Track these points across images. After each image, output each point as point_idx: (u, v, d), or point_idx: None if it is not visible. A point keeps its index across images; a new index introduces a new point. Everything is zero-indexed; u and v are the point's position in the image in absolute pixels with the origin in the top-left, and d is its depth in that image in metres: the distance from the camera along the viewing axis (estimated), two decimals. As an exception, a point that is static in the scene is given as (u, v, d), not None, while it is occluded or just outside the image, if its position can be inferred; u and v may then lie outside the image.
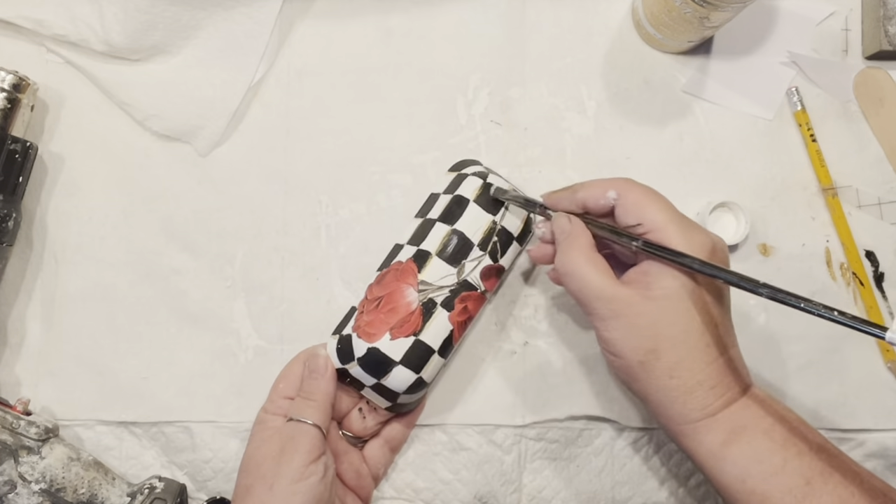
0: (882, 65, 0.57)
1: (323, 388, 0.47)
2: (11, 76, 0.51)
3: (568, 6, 0.57)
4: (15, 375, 0.54)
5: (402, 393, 0.48)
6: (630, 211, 0.42)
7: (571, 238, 0.44)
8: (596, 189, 0.44)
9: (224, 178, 0.55)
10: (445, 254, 0.49)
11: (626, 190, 0.43)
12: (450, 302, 0.48)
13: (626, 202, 0.43)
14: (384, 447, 0.50)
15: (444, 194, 0.51)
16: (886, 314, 0.56)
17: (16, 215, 0.51)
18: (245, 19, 0.54)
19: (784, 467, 0.40)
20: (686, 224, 0.41)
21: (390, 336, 0.47)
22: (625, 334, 0.41)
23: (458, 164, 0.54)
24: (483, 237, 0.49)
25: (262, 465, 0.44)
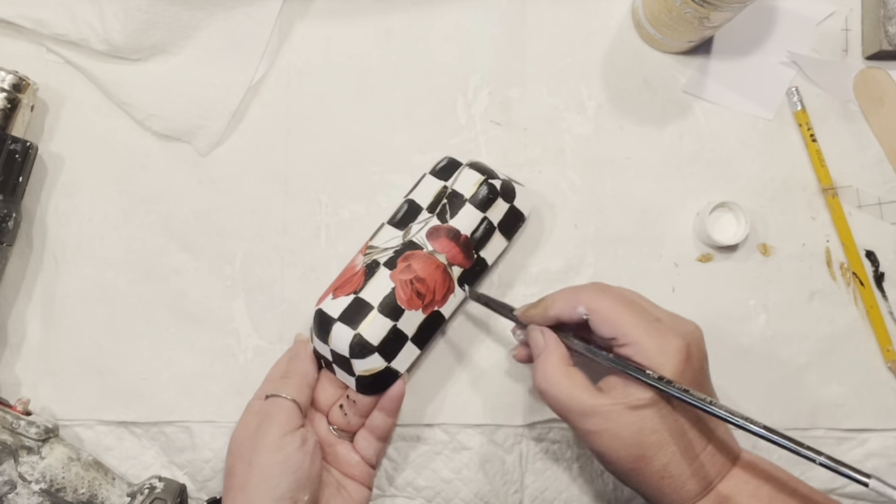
0: (882, 65, 0.57)
1: (300, 369, 0.49)
2: (11, 76, 0.51)
3: (568, 6, 0.57)
4: (15, 375, 0.54)
5: (350, 357, 0.47)
6: (602, 326, 0.42)
7: (545, 354, 0.44)
8: (565, 305, 0.44)
9: (224, 178, 0.55)
10: (395, 220, 0.51)
11: (596, 304, 0.42)
12: (392, 261, 0.49)
13: (596, 318, 0.42)
14: (369, 437, 0.50)
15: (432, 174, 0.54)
16: (886, 314, 0.56)
17: (16, 215, 0.51)
18: (245, 19, 0.54)
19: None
20: (660, 331, 0.41)
21: (332, 296, 0.49)
22: (611, 445, 0.41)
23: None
24: (432, 201, 0.51)
25: (242, 445, 0.46)
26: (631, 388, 0.41)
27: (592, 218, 0.56)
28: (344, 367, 0.49)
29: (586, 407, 0.41)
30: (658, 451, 0.41)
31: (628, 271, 0.55)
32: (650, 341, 0.41)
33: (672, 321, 0.43)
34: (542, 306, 0.45)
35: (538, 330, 0.45)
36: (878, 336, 0.55)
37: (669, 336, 0.41)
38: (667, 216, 0.56)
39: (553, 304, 0.44)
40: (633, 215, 0.56)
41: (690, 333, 0.42)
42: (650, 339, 0.41)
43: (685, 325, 0.43)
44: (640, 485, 0.43)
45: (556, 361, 0.43)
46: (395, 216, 0.51)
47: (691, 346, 0.41)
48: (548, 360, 0.43)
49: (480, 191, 0.51)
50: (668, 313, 0.44)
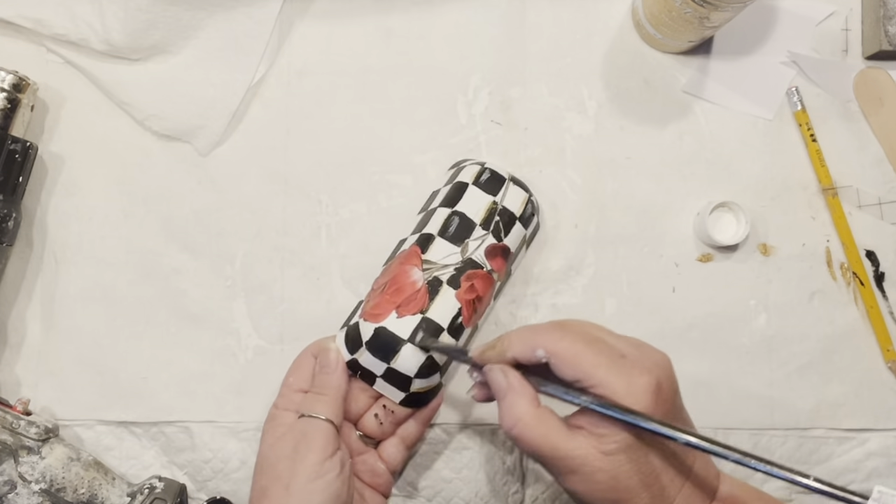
0: (882, 65, 0.57)
1: (334, 383, 0.46)
2: (11, 76, 0.51)
3: (568, 6, 0.57)
4: (15, 375, 0.54)
5: (413, 377, 0.46)
6: (564, 369, 0.39)
7: (512, 396, 0.41)
8: (523, 347, 0.41)
9: (224, 178, 0.55)
10: (448, 234, 0.49)
11: (555, 346, 0.39)
12: (455, 279, 0.47)
13: (557, 361, 0.39)
14: (399, 445, 0.49)
15: (444, 187, 0.52)
16: (886, 314, 0.56)
17: (16, 215, 0.51)
18: (245, 19, 0.54)
19: None
20: (626, 368, 0.38)
21: (396, 314, 0.46)
22: (585, 488, 0.39)
23: (457, 163, 0.54)
24: (485, 217, 0.49)
25: (277, 465, 0.44)
26: (602, 428, 0.38)
27: (592, 218, 0.56)
28: (397, 383, 0.47)
29: (560, 452, 0.39)
30: (634, 495, 0.39)
31: (628, 271, 0.55)
32: (617, 381, 0.38)
33: (638, 355, 0.40)
34: (499, 349, 0.42)
35: (499, 370, 0.42)
36: (878, 336, 0.55)
37: (636, 373, 0.38)
38: (667, 216, 0.56)
39: (510, 346, 0.41)
40: (633, 215, 0.56)
41: (659, 367, 0.39)
42: (616, 378, 0.38)
43: (652, 358, 0.40)
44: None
45: (525, 403, 0.40)
46: (446, 229, 0.49)
47: (661, 381, 0.39)
48: (516, 402, 0.40)
49: (527, 209, 0.51)
50: (633, 345, 0.41)
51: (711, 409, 0.55)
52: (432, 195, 0.53)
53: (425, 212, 0.52)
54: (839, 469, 0.55)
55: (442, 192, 0.52)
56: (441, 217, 0.49)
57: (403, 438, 0.49)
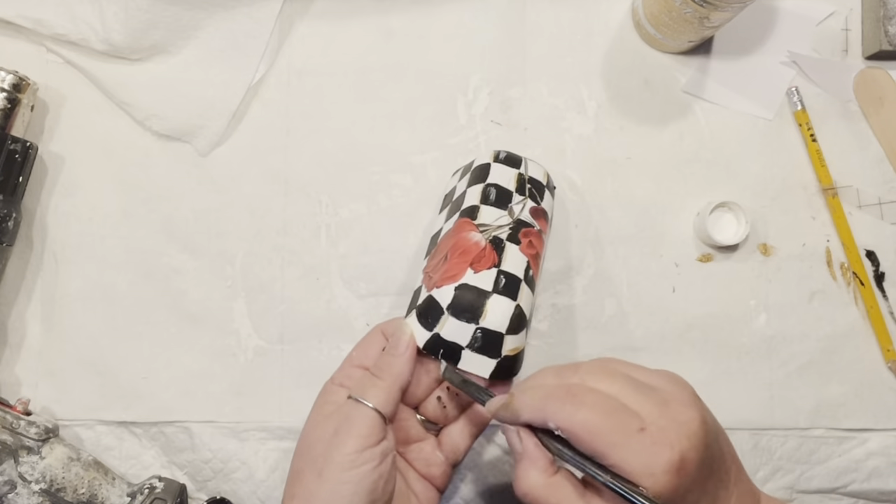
0: (882, 65, 0.57)
1: (396, 369, 0.42)
2: (11, 76, 0.51)
3: (568, 6, 0.57)
4: (15, 375, 0.54)
5: (505, 333, 0.43)
6: (578, 445, 0.36)
7: (525, 462, 0.38)
8: (534, 416, 0.38)
9: (224, 178, 0.55)
10: (490, 201, 0.48)
11: (567, 422, 0.36)
12: (514, 236, 0.46)
13: (571, 438, 0.36)
14: (465, 430, 0.45)
15: (459, 181, 0.52)
16: (887, 314, 0.56)
17: (16, 215, 0.51)
18: (245, 19, 0.54)
19: None
20: (644, 446, 0.35)
21: (472, 271, 0.44)
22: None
23: (462, 167, 0.54)
24: (517, 185, 0.49)
25: (315, 448, 0.41)
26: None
27: (592, 218, 0.56)
28: (487, 348, 0.44)
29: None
30: None
31: (628, 271, 0.55)
32: (634, 461, 0.35)
33: (663, 424, 0.36)
34: (512, 411, 0.39)
35: (513, 433, 0.39)
36: (878, 336, 0.55)
37: (657, 450, 0.35)
38: (667, 216, 0.56)
39: (522, 410, 0.38)
40: (633, 215, 0.56)
41: (685, 436, 0.36)
42: (634, 458, 0.35)
43: (679, 421, 0.36)
44: None
45: (538, 471, 0.38)
46: (487, 198, 0.48)
47: (686, 453, 0.35)
48: (528, 472, 0.38)
49: (550, 181, 0.51)
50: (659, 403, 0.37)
51: (711, 410, 0.54)
52: (451, 192, 0.53)
53: (451, 202, 0.51)
54: (839, 469, 0.55)
55: (463, 180, 0.51)
56: (477, 190, 0.48)
57: (472, 420, 0.45)
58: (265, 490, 0.53)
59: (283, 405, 0.54)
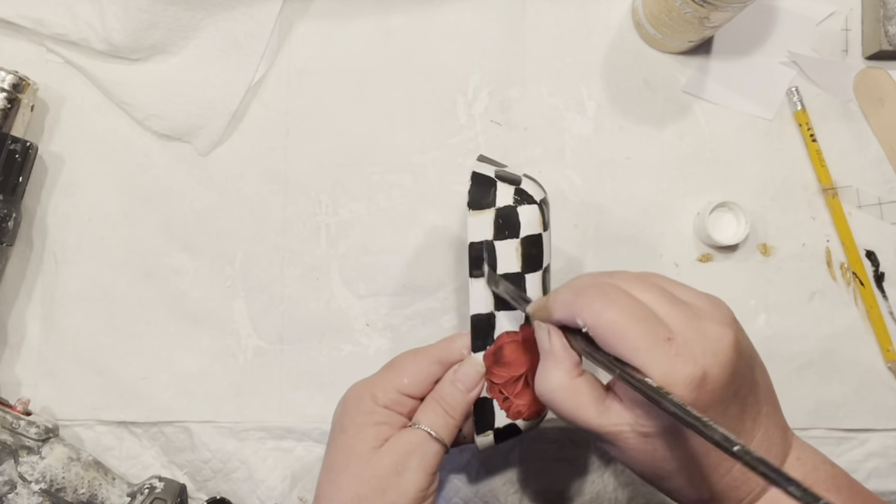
0: (882, 65, 0.57)
1: (466, 408, 0.42)
2: (11, 76, 0.51)
3: (568, 6, 0.57)
4: (15, 375, 0.54)
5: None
6: (603, 344, 0.36)
7: (550, 362, 0.38)
8: (565, 313, 0.37)
9: (224, 178, 0.55)
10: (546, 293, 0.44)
11: (596, 320, 0.36)
12: None
13: (597, 336, 0.36)
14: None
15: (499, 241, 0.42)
16: (886, 314, 0.56)
17: (16, 215, 0.51)
18: (245, 19, 0.54)
19: None
20: (668, 355, 0.34)
21: None
22: (621, 458, 0.38)
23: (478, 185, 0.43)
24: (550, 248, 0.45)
25: (384, 479, 0.40)
26: (640, 408, 0.36)
27: (592, 218, 0.56)
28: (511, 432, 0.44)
29: (593, 426, 0.37)
30: (670, 475, 0.37)
31: (628, 271, 0.55)
32: (655, 369, 0.34)
33: (690, 336, 0.35)
34: (546, 309, 0.39)
35: (544, 331, 0.39)
36: (878, 336, 0.55)
37: (680, 362, 0.34)
38: (667, 216, 0.56)
39: (554, 308, 0.38)
40: (633, 215, 0.56)
41: (711, 353, 0.35)
42: (655, 366, 0.34)
43: (709, 338, 0.35)
44: (662, 492, 0.39)
45: (562, 372, 0.38)
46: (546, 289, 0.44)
47: (710, 371, 0.34)
48: (552, 370, 0.38)
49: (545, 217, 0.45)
50: (691, 317, 0.36)
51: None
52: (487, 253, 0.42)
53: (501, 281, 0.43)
54: (839, 469, 0.55)
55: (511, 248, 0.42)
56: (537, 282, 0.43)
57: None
58: (265, 490, 0.53)
59: (283, 405, 0.54)
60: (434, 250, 0.55)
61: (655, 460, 0.36)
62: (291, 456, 0.54)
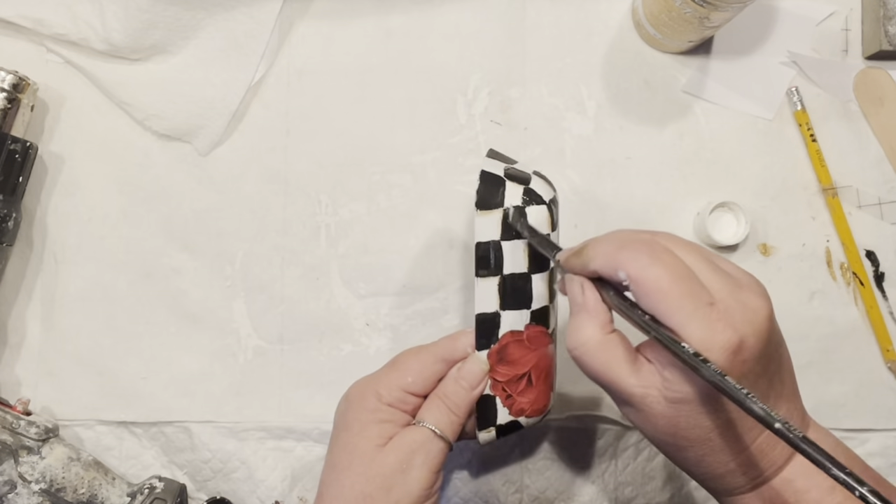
0: (882, 65, 0.57)
1: (471, 403, 0.42)
2: (11, 76, 0.51)
3: (568, 6, 0.57)
4: (15, 375, 0.54)
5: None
6: (643, 300, 0.35)
7: (582, 316, 0.37)
8: (605, 264, 0.36)
9: (224, 178, 0.55)
10: (554, 296, 0.44)
11: (640, 274, 0.34)
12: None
13: (637, 291, 0.35)
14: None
15: (506, 241, 0.42)
16: (886, 314, 0.56)
17: (16, 215, 0.51)
18: (245, 19, 0.54)
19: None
20: (709, 320, 0.34)
21: (552, 391, 0.45)
22: (643, 424, 0.37)
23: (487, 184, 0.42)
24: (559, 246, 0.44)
25: (389, 477, 0.40)
26: (670, 372, 0.35)
27: (592, 218, 0.56)
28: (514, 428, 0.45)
29: (622, 385, 0.36)
30: (694, 443, 0.36)
31: (628, 271, 0.55)
32: (695, 332, 0.33)
33: (730, 303, 0.34)
34: (583, 258, 0.37)
35: (577, 284, 0.38)
36: (878, 336, 0.55)
37: (720, 327, 0.33)
38: (667, 216, 0.56)
39: (593, 258, 0.37)
40: (633, 215, 0.56)
41: (750, 322, 0.34)
42: (695, 329, 0.33)
43: (748, 307, 0.35)
44: (674, 460, 0.39)
45: (595, 326, 0.37)
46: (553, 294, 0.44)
47: (746, 339, 0.34)
48: (584, 324, 0.37)
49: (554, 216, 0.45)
50: (732, 286, 0.35)
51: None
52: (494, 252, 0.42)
53: (508, 281, 0.42)
54: (839, 469, 0.55)
55: (517, 248, 0.42)
56: (544, 283, 0.43)
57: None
58: (265, 490, 0.53)
59: (283, 405, 0.54)
60: (434, 250, 0.55)
61: (679, 428, 0.35)
62: (291, 456, 0.54)
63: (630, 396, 0.36)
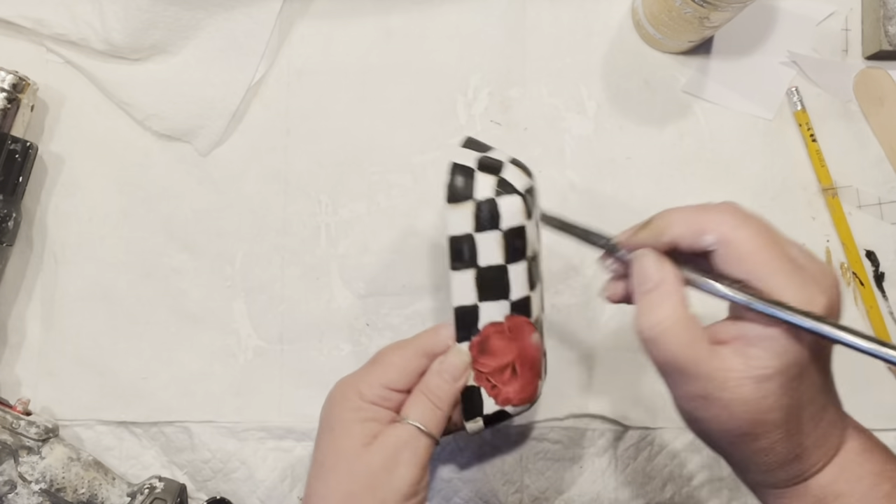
0: (882, 65, 0.57)
1: (453, 398, 0.42)
2: (11, 76, 0.51)
3: (568, 6, 0.57)
4: (15, 375, 0.54)
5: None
6: (734, 264, 0.33)
7: (661, 293, 0.35)
8: (687, 229, 0.34)
9: (224, 178, 0.55)
10: (534, 284, 0.43)
11: (731, 234, 0.33)
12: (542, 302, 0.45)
13: (728, 252, 0.33)
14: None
15: (480, 233, 0.40)
16: (886, 314, 0.56)
17: (16, 215, 0.51)
18: (245, 19, 0.55)
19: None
20: (805, 282, 0.32)
21: (540, 380, 0.45)
22: (715, 416, 0.34)
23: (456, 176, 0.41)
24: (538, 234, 0.44)
25: (375, 475, 0.39)
26: (754, 349, 0.32)
27: (592, 218, 0.55)
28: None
29: (702, 368, 0.33)
30: (768, 430, 0.34)
31: (628, 271, 0.55)
32: (795, 294, 0.31)
33: (815, 270, 0.33)
34: (655, 228, 0.35)
35: (653, 258, 0.35)
36: (877, 336, 0.55)
37: (817, 291, 0.32)
38: (667, 216, 0.56)
39: (670, 225, 0.35)
40: (633, 215, 0.55)
41: (834, 288, 0.33)
42: (794, 290, 0.32)
43: (828, 279, 0.33)
44: (732, 456, 0.37)
45: (674, 304, 0.34)
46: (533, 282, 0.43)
47: (834, 306, 0.33)
48: (665, 302, 0.34)
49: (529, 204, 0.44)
50: (807, 257, 0.34)
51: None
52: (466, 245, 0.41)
53: (482, 271, 0.41)
54: (839, 469, 0.55)
55: (491, 240, 0.41)
56: (522, 272, 0.42)
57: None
58: (265, 490, 0.53)
59: (283, 405, 0.54)
60: (434, 250, 0.55)
61: (760, 412, 0.33)
62: (291, 456, 0.54)
63: (710, 381, 0.33)
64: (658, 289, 0.35)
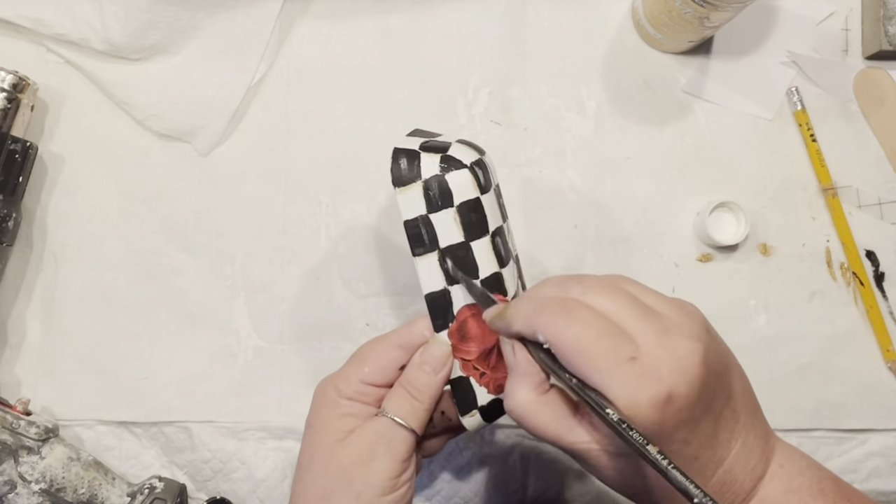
0: (882, 65, 0.57)
1: (434, 390, 0.40)
2: (11, 76, 0.51)
3: (568, 6, 0.57)
4: (15, 375, 0.54)
5: None
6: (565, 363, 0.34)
7: (516, 375, 0.37)
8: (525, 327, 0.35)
9: (224, 178, 0.55)
10: (503, 259, 0.41)
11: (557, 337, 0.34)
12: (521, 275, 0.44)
13: (558, 353, 0.34)
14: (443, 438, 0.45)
15: (434, 213, 0.40)
16: (886, 314, 0.56)
17: (16, 215, 0.51)
18: (245, 19, 0.54)
19: None
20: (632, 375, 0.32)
21: None
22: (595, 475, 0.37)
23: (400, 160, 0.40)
24: (502, 209, 0.42)
25: (349, 469, 0.39)
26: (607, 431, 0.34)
27: (592, 218, 0.56)
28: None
29: (564, 442, 0.36)
30: (642, 491, 0.36)
31: (628, 271, 0.55)
32: (619, 390, 0.32)
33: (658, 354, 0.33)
34: (505, 320, 0.37)
35: (508, 345, 0.37)
36: (878, 336, 0.55)
37: (644, 382, 0.32)
38: (667, 216, 0.56)
39: (514, 320, 0.36)
40: (633, 215, 0.56)
41: (678, 371, 0.33)
42: (619, 387, 0.32)
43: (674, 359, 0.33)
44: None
45: (528, 388, 0.36)
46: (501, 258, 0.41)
47: (675, 390, 0.32)
48: (518, 387, 0.36)
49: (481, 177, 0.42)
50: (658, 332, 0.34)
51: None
52: (426, 229, 0.41)
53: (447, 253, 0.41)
54: (839, 469, 0.55)
55: (447, 218, 0.40)
56: (487, 247, 0.40)
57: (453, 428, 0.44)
58: (265, 490, 0.53)
59: (283, 405, 0.54)
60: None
61: (626, 478, 0.35)
62: (291, 456, 0.54)
63: (574, 451, 0.36)
64: (514, 373, 0.37)
